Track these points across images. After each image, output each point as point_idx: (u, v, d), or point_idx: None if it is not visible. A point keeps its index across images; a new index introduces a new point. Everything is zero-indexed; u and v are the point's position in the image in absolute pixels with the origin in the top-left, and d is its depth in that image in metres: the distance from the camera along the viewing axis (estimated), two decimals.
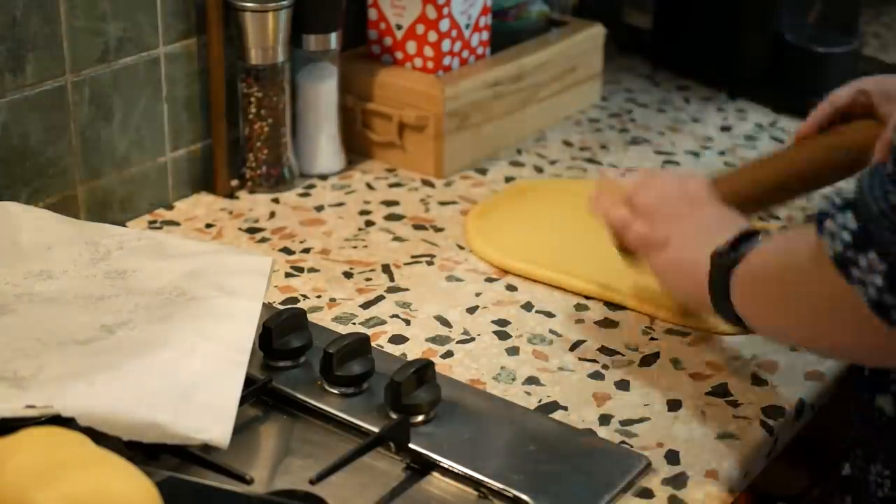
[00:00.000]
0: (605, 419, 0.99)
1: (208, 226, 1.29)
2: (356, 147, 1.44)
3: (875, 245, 0.74)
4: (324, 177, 1.40)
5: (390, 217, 1.31)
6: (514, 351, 1.08)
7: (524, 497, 0.87)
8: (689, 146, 1.51)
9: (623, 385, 1.03)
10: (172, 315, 0.96)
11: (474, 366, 1.05)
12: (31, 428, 0.77)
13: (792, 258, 0.85)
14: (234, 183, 1.36)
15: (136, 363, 0.89)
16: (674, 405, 1.01)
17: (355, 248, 1.24)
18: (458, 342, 1.09)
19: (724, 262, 0.94)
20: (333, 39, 1.36)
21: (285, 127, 1.35)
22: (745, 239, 0.95)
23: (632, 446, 0.95)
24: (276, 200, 1.34)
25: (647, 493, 0.90)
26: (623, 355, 1.07)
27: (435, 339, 1.09)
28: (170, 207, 1.32)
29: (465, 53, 1.44)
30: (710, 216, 1.02)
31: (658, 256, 1.03)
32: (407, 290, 1.17)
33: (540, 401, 1.01)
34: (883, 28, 1.95)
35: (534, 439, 0.94)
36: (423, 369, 0.95)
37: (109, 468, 0.75)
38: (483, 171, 1.43)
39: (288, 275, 1.19)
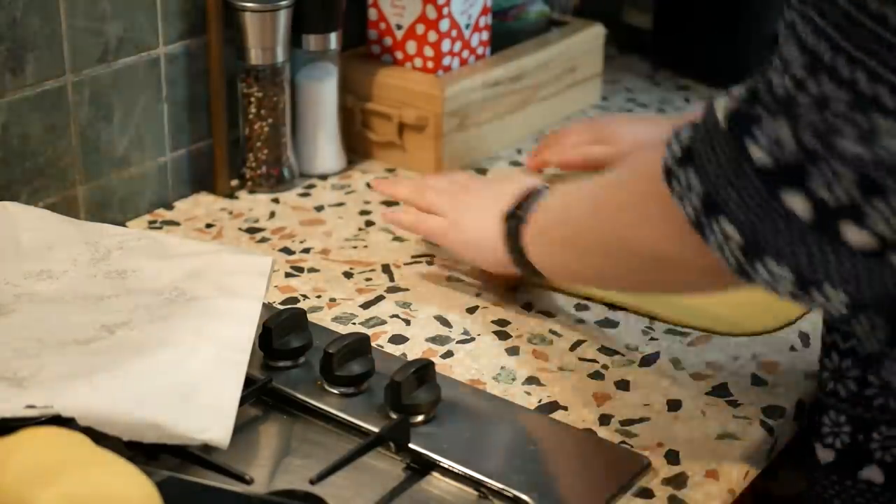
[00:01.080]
0: (605, 419, 0.99)
1: (208, 226, 1.29)
2: (356, 147, 1.44)
3: (693, 161, 0.77)
4: (324, 177, 1.40)
5: None
6: (514, 351, 1.08)
7: (524, 497, 0.87)
8: None
9: (623, 385, 1.03)
10: (172, 315, 0.96)
11: (474, 366, 1.05)
12: (31, 428, 0.77)
13: (576, 198, 0.94)
14: (234, 183, 1.36)
15: (137, 363, 0.89)
16: (674, 405, 1.01)
17: (355, 248, 1.24)
18: (458, 342, 1.09)
19: (513, 222, 1.03)
20: (333, 39, 1.36)
21: (285, 127, 1.35)
22: (531, 194, 1.03)
23: (632, 446, 0.95)
24: (276, 200, 1.34)
25: (647, 493, 0.90)
26: (623, 355, 1.07)
27: (435, 339, 1.09)
28: (170, 207, 1.32)
29: (465, 53, 1.44)
30: (485, 191, 1.12)
31: (452, 238, 1.13)
32: (407, 290, 1.17)
33: (540, 401, 1.01)
34: None
35: (534, 439, 0.94)
36: (423, 369, 0.95)
37: (109, 468, 0.75)
38: (483, 172, 1.42)
39: (288, 275, 1.19)
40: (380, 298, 1.15)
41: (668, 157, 0.79)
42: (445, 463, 0.90)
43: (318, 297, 1.15)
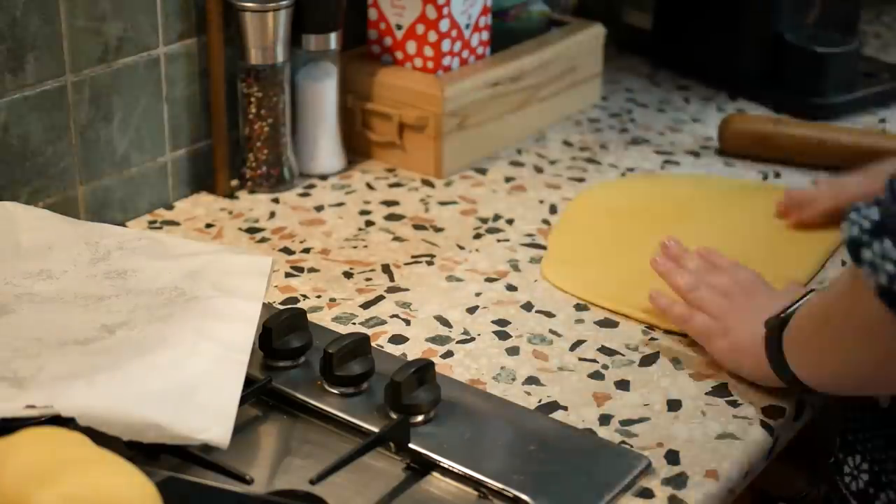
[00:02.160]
0: (605, 419, 0.99)
1: (208, 226, 1.29)
2: (356, 147, 1.44)
3: (889, 233, 0.76)
4: (324, 177, 1.40)
5: (390, 217, 1.31)
6: (514, 351, 1.08)
7: (524, 497, 0.87)
8: (689, 146, 1.51)
9: (623, 385, 1.03)
10: (172, 315, 0.96)
11: (474, 366, 1.05)
12: (31, 428, 0.77)
13: (833, 295, 0.88)
14: (234, 183, 1.36)
15: (136, 363, 0.89)
16: (674, 405, 1.01)
17: (355, 248, 1.24)
18: (458, 342, 1.09)
19: (776, 323, 0.96)
20: (333, 39, 1.36)
21: (285, 127, 1.35)
22: (795, 304, 0.97)
23: (632, 446, 0.95)
24: (276, 200, 1.34)
25: (647, 493, 0.90)
26: (623, 355, 1.07)
27: (435, 339, 1.09)
28: (170, 207, 1.32)
29: (465, 53, 1.44)
30: (766, 300, 1.04)
31: (719, 344, 1.04)
32: (407, 290, 1.17)
33: (540, 401, 1.01)
34: (883, 28, 1.95)
35: (534, 439, 0.94)
36: (423, 369, 0.95)
37: (109, 468, 0.75)
38: (483, 171, 1.43)
39: (288, 275, 1.19)
40: (380, 298, 1.15)
41: (853, 230, 0.79)
42: (445, 463, 0.90)
43: (318, 297, 1.15)
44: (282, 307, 1.08)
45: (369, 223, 1.30)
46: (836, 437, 0.98)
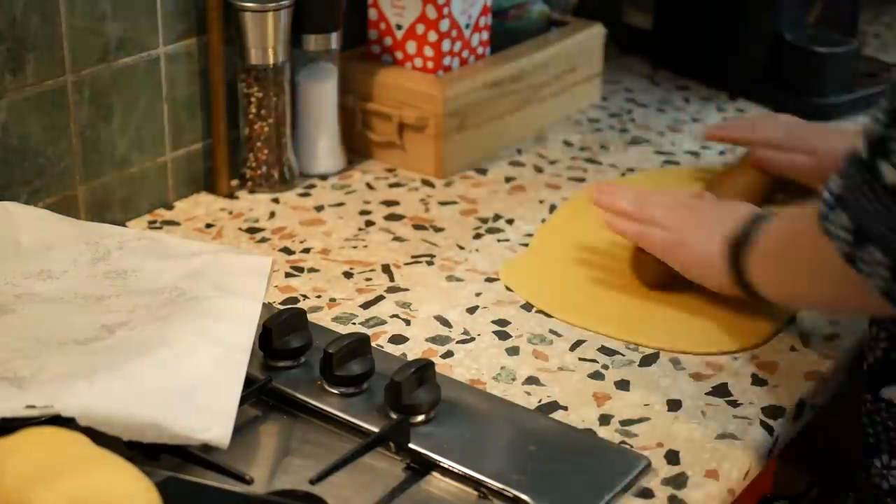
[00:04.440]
0: (605, 419, 0.99)
1: (208, 226, 1.29)
2: (356, 147, 1.44)
3: (874, 241, 0.79)
4: (324, 177, 1.40)
5: (390, 217, 1.31)
6: (514, 351, 1.08)
7: (524, 497, 0.87)
8: (689, 146, 1.51)
9: (623, 385, 1.03)
10: (172, 315, 0.96)
11: (474, 366, 1.05)
12: (31, 428, 0.78)
13: (797, 241, 0.94)
14: (234, 183, 1.36)
15: (136, 363, 0.89)
16: (674, 405, 1.01)
17: (355, 248, 1.24)
18: (458, 342, 1.09)
19: (737, 248, 1.03)
20: (333, 39, 1.36)
21: (285, 127, 1.35)
22: (754, 221, 1.03)
23: (632, 446, 0.95)
24: (276, 200, 1.34)
25: (647, 493, 0.90)
26: (623, 355, 1.07)
27: (435, 339, 1.09)
28: (170, 207, 1.32)
29: (465, 53, 1.44)
30: (712, 212, 1.12)
31: (679, 256, 1.11)
32: (407, 290, 1.17)
33: (540, 401, 1.01)
34: (883, 28, 1.95)
35: (534, 439, 0.94)
36: (423, 369, 0.95)
37: (109, 468, 0.75)
38: (483, 171, 1.43)
39: (288, 275, 1.19)
40: (380, 298, 1.15)
41: (821, 204, 0.84)
42: (445, 463, 0.90)
43: (318, 297, 1.15)
44: (282, 307, 1.08)
45: (369, 223, 1.30)
46: (859, 443, 0.98)
